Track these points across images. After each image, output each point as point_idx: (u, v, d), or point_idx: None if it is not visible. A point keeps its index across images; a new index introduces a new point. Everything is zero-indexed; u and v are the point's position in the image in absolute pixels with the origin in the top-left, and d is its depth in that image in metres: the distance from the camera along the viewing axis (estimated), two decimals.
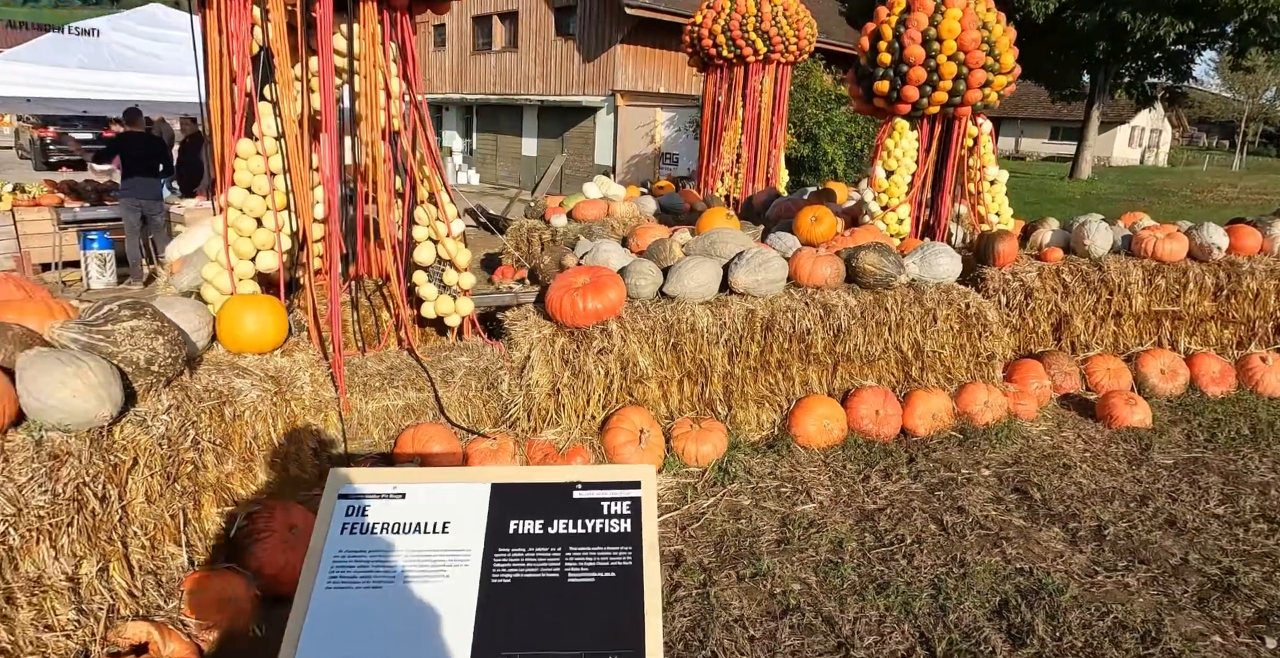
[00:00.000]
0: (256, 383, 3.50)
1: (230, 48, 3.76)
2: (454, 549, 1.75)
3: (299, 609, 1.66)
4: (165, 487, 3.00)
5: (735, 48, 10.31)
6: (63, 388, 2.61)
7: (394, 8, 4.02)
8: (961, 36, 5.63)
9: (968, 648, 3.04)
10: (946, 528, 3.94)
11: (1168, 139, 44.77)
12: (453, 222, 4.48)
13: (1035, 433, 5.08)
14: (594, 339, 4.41)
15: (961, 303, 5.10)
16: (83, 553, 2.66)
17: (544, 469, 1.88)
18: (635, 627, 1.64)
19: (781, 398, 4.95)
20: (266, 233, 3.91)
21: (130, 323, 2.94)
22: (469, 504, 1.82)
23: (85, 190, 11.51)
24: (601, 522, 1.80)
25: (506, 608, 1.66)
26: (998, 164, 6.51)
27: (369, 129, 4.11)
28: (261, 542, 3.30)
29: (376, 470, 1.88)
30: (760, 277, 4.73)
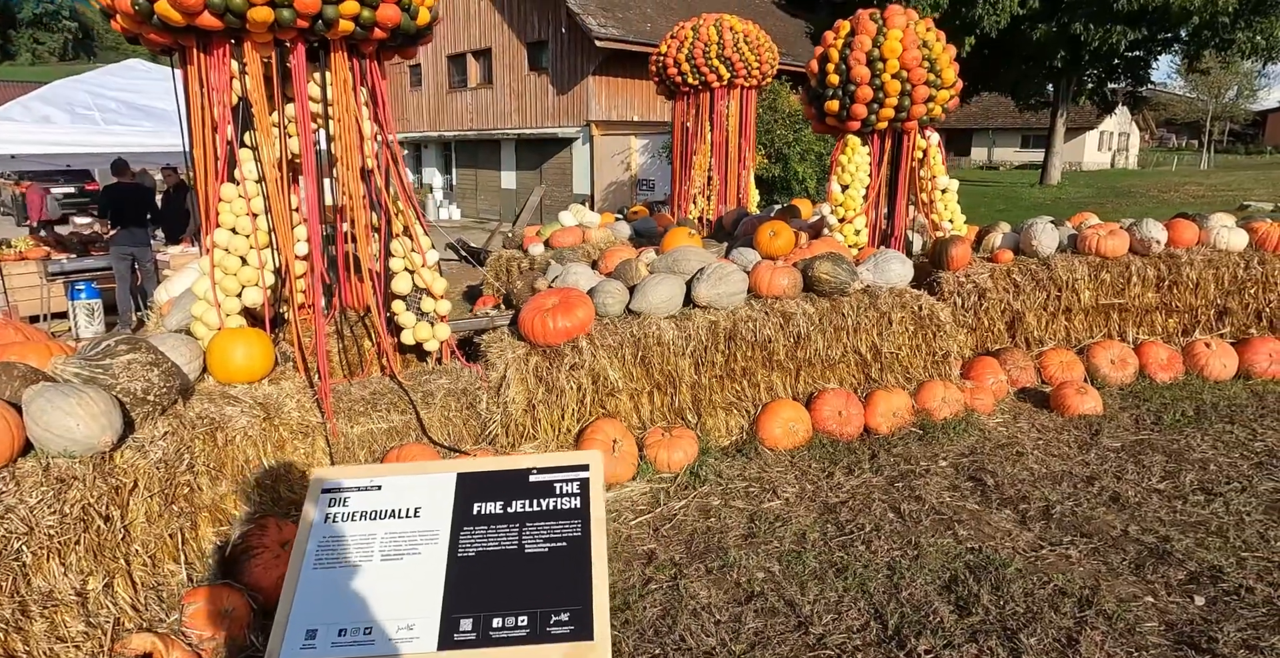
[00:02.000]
0: (246, 410, 3.74)
1: (211, 99, 4.04)
2: (425, 530, 1.99)
3: (288, 589, 1.90)
4: (164, 508, 3.22)
5: (700, 75, 10.66)
6: (67, 418, 2.85)
7: (363, 55, 4.32)
8: (903, 55, 5.97)
9: (918, 619, 3.27)
10: (904, 516, 4.19)
11: (1137, 142, 45.62)
12: (427, 252, 4.75)
13: (991, 425, 5.34)
14: (565, 356, 4.67)
15: (915, 306, 5.38)
16: (89, 570, 2.88)
17: (504, 458, 2.13)
18: (584, 587, 1.89)
19: (748, 404, 5.20)
20: (251, 270, 4.17)
21: (127, 356, 3.18)
22: (438, 492, 2.07)
23: (70, 242, 11.77)
24: (554, 501, 2.05)
25: (471, 577, 1.90)
26: (968, 176, 6.81)
27: (345, 169, 4.38)
28: (256, 558, 3.51)
29: (356, 467, 2.13)
30: (721, 290, 5.00)
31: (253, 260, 4.16)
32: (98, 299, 10.35)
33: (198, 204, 4.43)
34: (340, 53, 4.20)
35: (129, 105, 8.46)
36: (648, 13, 20.68)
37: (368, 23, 4.05)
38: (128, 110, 8.44)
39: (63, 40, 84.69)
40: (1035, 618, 3.24)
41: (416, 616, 1.82)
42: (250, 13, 3.73)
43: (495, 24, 22.21)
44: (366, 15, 4.02)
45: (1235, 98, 46.92)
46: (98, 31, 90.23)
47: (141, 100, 8.60)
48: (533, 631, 1.81)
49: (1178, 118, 48.48)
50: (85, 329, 10.18)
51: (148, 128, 8.32)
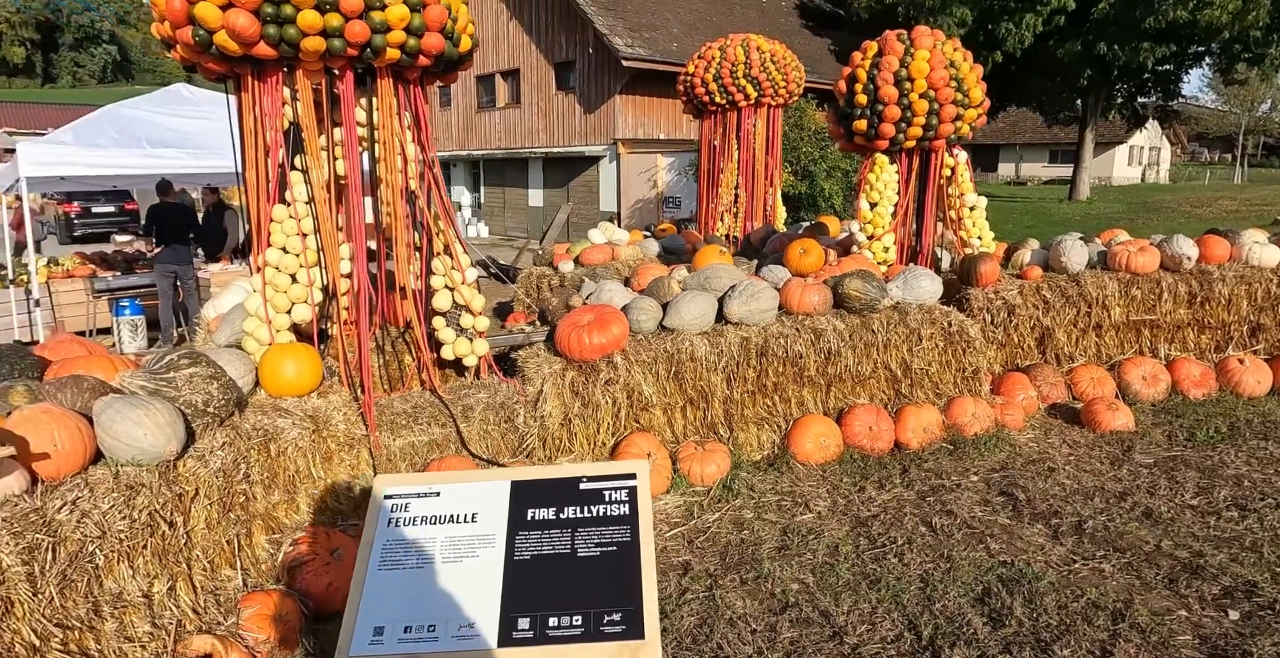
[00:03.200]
0: (296, 422, 3.88)
1: (264, 124, 4.22)
2: (482, 534, 2.10)
3: (356, 588, 2.01)
4: (222, 515, 3.37)
5: (727, 94, 10.80)
6: (136, 428, 3.00)
7: (407, 81, 4.49)
8: (930, 76, 6.07)
9: (951, 631, 3.33)
10: (936, 529, 4.24)
11: (1167, 156, 45.22)
12: (466, 270, 4.90)
13: (1022, 441, 5.38)
14: (601, 371, 4.78)
15: (944, 322, 5.45)
16: (155, 573, 3.02)
17: (555, 467, 2.24)
18: (634, 589, 1.99)
19: (779, 419, 5.28)
20: (300, 288, 4.33)
21: (189, 370, 3.34)
22: (493, 498, 2.18)
23: (115, 260, 12.11)
24: (604, 507, 2.15)
25: (528, 578, 2.01)
26: (995, 192, 6.89)
27: (389, 190, 4.55)
28: (307, 565, 3.64)
29: (414, 475, 2.24)
30: (753, 306, 5.10)
31: (302, 278, 4.33)
32: (141, 315, 10.63)
33: (249, 224, 4.60)
34: (386, 79, 4.37)
35: (174, 129, 8.74)
36: (674, 32, 20.93)
37: (413, 51, 4.23)
38: (172, 133, 8.71)
39: (102, 63, 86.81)
40: (1069, 630, 3.29)
41: (477, 615, 1.93)
42: (304, 42, 3.91)
43: (523, 45, 22.57)
44: (412, 44, 4.19)
45: (1269, 111, 46.44)
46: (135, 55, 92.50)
47: (186, 124, 8.88)
48: (587, 630, 1.92)
49: (1210, 131, 48.03)
50: (129, 345, 10.46)
51: (191, 150, 8.59)
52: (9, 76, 78.94)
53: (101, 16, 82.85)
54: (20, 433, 2.80)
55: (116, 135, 8.25)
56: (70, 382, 3.22)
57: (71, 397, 3.18)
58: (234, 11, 3.80)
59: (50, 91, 72.96)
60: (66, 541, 2.65)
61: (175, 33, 3.99)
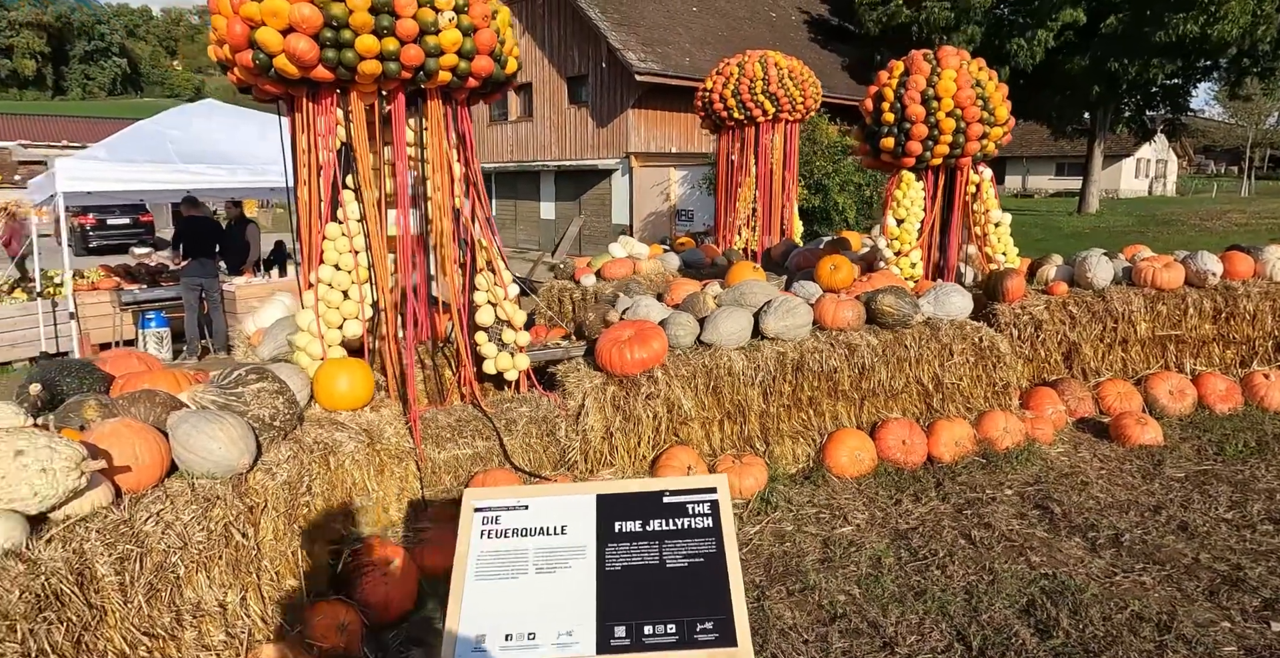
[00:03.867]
0: (352, 436, 3.97)
1: (317, 144, 4.33)
2: (573, 546, 2.19)
3: (455, 598, 2.10)
4: (287, 526, 3.45)
5: (745, 110, 10.91)
6: (211, 441, 3.09)
7: (454, 101, 4.60)
8: (957, 94, 6.18)
9: (1000, 641, 3.40)
10: (975, 542, 4.31)
11: (1174, 169, 45.34)
12: (509, 285, 5.00)
13: (1053, 455, 5.45)
14: (641, 386, 4.87)
15: (975, 337, 5.53)
16: (229, 583, 3.10)
17: (638, 481, 2.32)
18: (724, 598, 2.07)
19: (814, 433, 5.36)
20: (352, 304, 4.43)
21: (256, 385, 3.43)
22: (580, 511, 2.26)
23: (139, 273, 12.24)
24: (688, 520, 2.24)
25: (620, 589, 2.09)
26: (1002, 204, 6.99)
27: (436, 208, 4.65)
28: (365, 576, 3.72)
29: (501, 489, 2.33)
30: (788, 322, 5.19)
31: (354, 294, 4.42)
32: (166, 328, 10.76)
33: (300, 242, 4.71)
34: (435, 100, 4.49)
35: (204, 143, 8.88)
36: (686, 47, 21.12)
37: (463, 73, 4.34)
38: (202, 148, 8.86)
39: (112, 76, 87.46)
40: (1116, 641, 3.36)
41: (574, 623, 2.01)
42: (361, 66, 4.03)
43: (536, 60, 22.77)
44: (463, 66, 4.30)
45: (1277, 124, 46.56)
46: (144, 68, 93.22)
47: (216, 138, 9.03)
48: (681, 638, 2.00)
49: (1217, 144, 48.16)
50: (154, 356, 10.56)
51: (220, 165, 8.72)
52: (20, 89, 79.57)
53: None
54: (104, 447, 2.89)
55: (148, 150, 8.39)
56: (143, 396, 3.31)
57: (145, 411, 3.27)
58: (295, 36, 3.92)
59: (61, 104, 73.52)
60: (152, 551, 2.74)
61: (235, 56, 4.11)
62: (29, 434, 2.55)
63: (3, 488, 2.44)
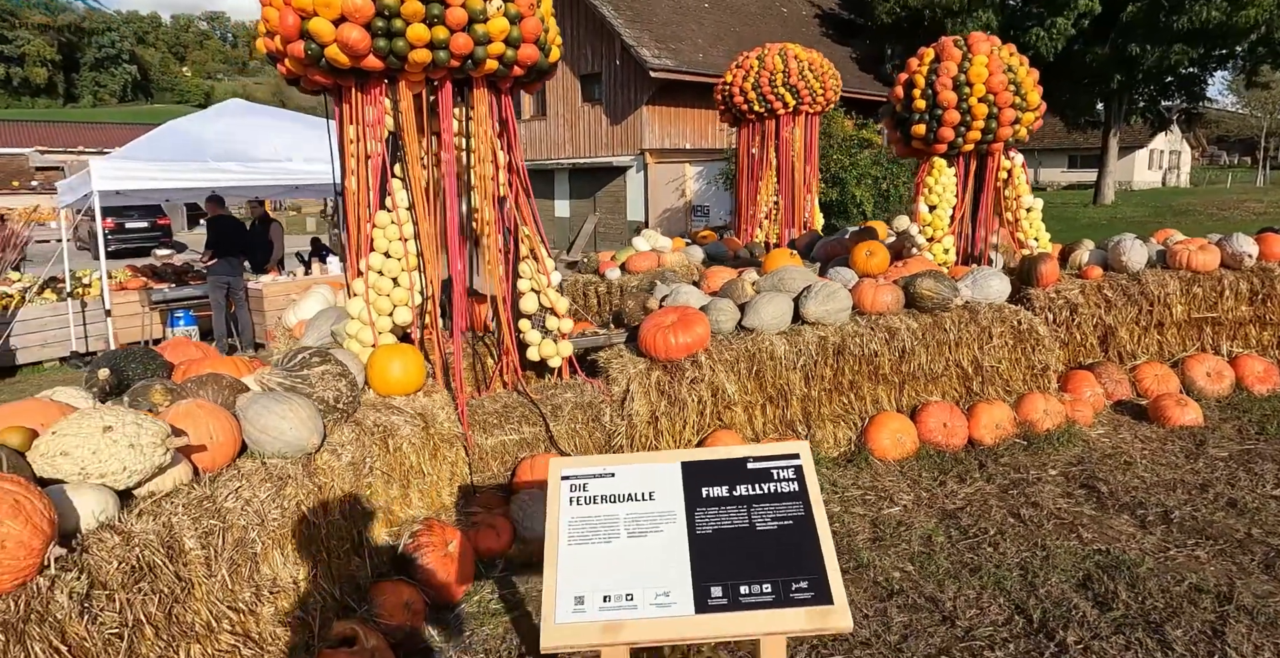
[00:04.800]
0: (408, 420, 4.02)
1: (366, 134, 4.38)
2: (662, 511, 2.22)
3: (550, 562, 2.14)
4: (352, 506, 3.50)
5: (765, 103, 10.92)
6: (282, 421, 3.14)
7: (499, 90, 4.65)
8: (990, 80, 6.19)
9: (1060, 614, 3.42)
10: (1024, 520, 4.33)
11: (1188, 160, 45.09)
12: (551, 273, 5.04)
13: (1094, 436, 5.46)
14: (686, 371, 4.90)
15: (1014, 320, 5.55)
16: (301, 561, 3.16)
17: (720, 449, 2.35)
18: (816, 559, 2.10)
19: (855, 416, 5.39)
20: (402, 291, 4.48)
21: (321, 368, 3.49)
22: (666, 478, 2.30)
23: (165, 273, 12.35)
24: (774, 485, 2.27)
25: (712, 551, 2.13)
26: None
27: (480, 196, 4.70)
28: (425, 556, 3.77)
29: (585, 458, 2.37)
30: (829, 306, 5.22)
31: (404, 282, 4.47)
32: (195, 326, 10.87)
33: (347, 231, 4.76)
34: (481, 88, 4.53)
35: (234, 142, 8.96)
36: (699, 43, 21.15)
37: (510, 61, 4.38)
38: (232, 147, 8.93)
39: (122, 82, 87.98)
40: (1177, 612, 3.38)
41: (670, 584, 2.05)
42: (411, 55, 4.07)
43: None
44: (510, 54, 4.34)
45: None
46: (154, 74, 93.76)
47: (245, 137, 9.10)
48: (778, 596, 2.03)
49: (1231, 134, 47.87)
50: None
51: (251, 163, 8.80)
52: (32, 96, 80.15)
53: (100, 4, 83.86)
54: (179, 426, 2.94)
55: (181, 150, 8.47)
56: (210, 379, 3.37)
57: (213, 393, 3.33)
58: (347, 26, 3.96)
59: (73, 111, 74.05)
60: (233, 527, 2.79)
61: (285, 47, 4.16)
62: (116, 411, 2.61)
63: (94, 463, 2.50)
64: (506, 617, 3.67)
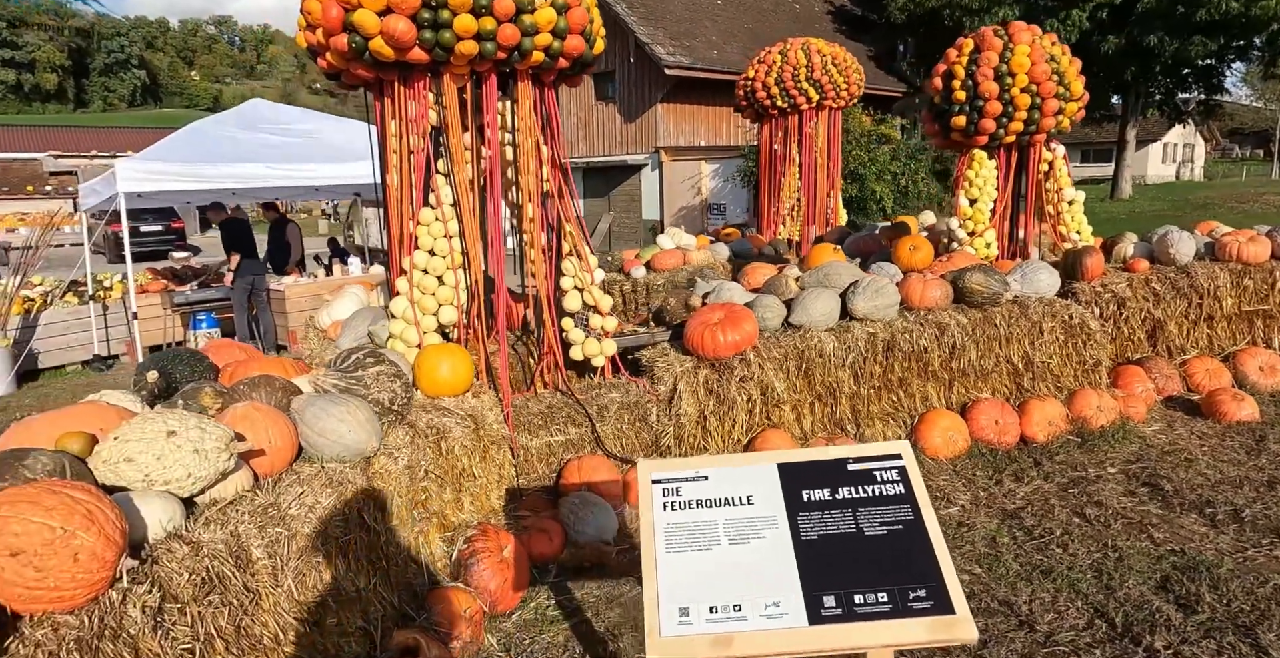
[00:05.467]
0: (459, 421, 3.92)
1: (409, 129, 4.28)
2: (763, 516, 2.11)
3: (649, 571, 2.02)
4: (408, 512, 3.40)
5: (789, 98, 10.79)
6: (341, 424, 3.04)
7: (543, 84, 4.54)
8: (1033, 70, 6.06)
9: (1143, 617, 3.30)
10: (1090, 520, 4.21)
11: (1201, 153, 44.72)
12: (594, 270, 4.93)
13: (1149, 433, 5.33)
14: (735, 369, 4.79)
15: (1065, 315, 5.42)
16: (362, 569, 3.05)
17: (816, 450, 2.24)
18: (931, 565, 1.99)
19: (904, 414, 5.27)
20: (447, 289, 4.37)
21: (375, 369, 3.38)
22: (763, 481, 2.19)
23: (185, 275, 12.28)
24: (878, 488, 2.16)
25: (820, 558, 2.01)
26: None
27: (523, 192, 4.59)
28: (481, 562, 3.66)
29: (673, 461, 2.26)
30: (878, 302, 5.10)
31: (449, 280, 4.37)
32: (217, 328, 10.79)
33: (388, 229, 4.66)
34: (525, 82, 4.43)
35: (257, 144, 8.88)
36: (713, 40, 21.01)
37: (556, 53, 4.28)
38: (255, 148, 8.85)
39: (131, 87, 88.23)
40: (1266, 615, 3.25)
41: (779, 594, 1.93)
42: (458, 46, 3.97)
43: None
44: (556, 46, 4.24)
45: None
46: (163, 79, 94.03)
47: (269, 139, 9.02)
48: (895, 606, 1.91)
49: (1245, 127, 47.44)
50: None
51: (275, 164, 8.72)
52: (43, 102, 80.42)
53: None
54: (237, 430, 2.84)
55: (203, 151, 8.40)
56: (262, 381, 3.27)
57: (266, 396, 3.23)
58: (392, 17, 3.86)
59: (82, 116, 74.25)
60: (297, 535, 2.68)
61: (328, 41, 4.06)
62: (179, 415, 2.51)
63: (158, 469, 2.40)
64: (565, 624, 3.57)
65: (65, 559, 1.91)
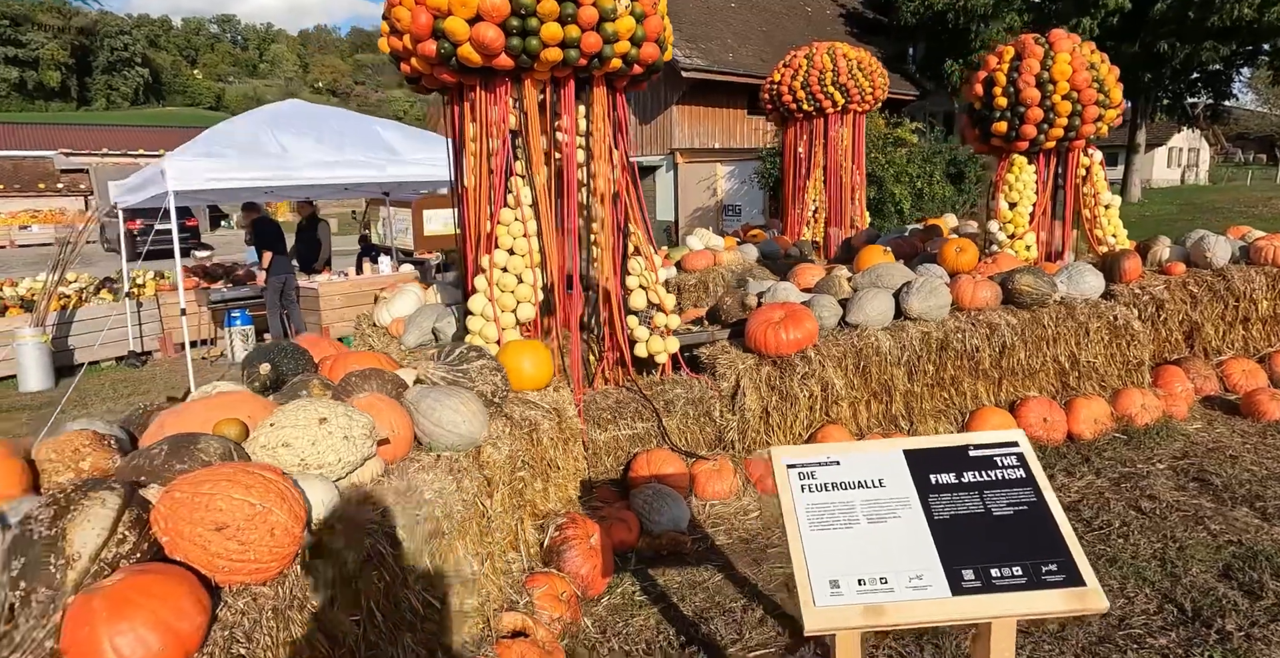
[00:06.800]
0: (545, 414, 4.07)
1: (490, 132, 4.44)
2: (896, 497, 2.27)
3: (796, 548, 2.18)
4: (508, 500, 3.55)
5: (815, 101, 10.95)
6: (455, 414, 3.19)
7: (614, 89, 4.70)
8: (1074, 77, 6.23)
9: (1211, 603, 3.46)
10: (1146, 513, 4.37)
11: (1206, 158, 44.96)
12: (659, 269, 5.09)
13: (1191, 430, 5.49)
14: (796, 366, 4.94)
15: (1110, 315, 5.58)
16: (476, 554, 3.21)
17: (939, 438, 2.40)
18: (1059, 543, 2.15)
19: (955, 411, 5.43)
20: (526, 287, 4.53)
21: (478, 362, 3.54)
22: (891, 465, 2.35)
23: (215, 273, 12.43)
24: (1000, 472, 2.32)
25: (954, 536, 2.17)
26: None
27: (595, 193, 4.75)
28: (572, 549, 3.82)
29: (803, 447, 2.41)
30: (931, 302, 5.26)
31: (528, 278, 4.53)
32: (250, 325, 10.94)
33: (463, 228, 4.81)
34: (601, 87, 4.59)
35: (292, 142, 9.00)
36: (728, 42, 21.18)
37: (632, 59, 4.44)
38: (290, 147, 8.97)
39: (134, 86, 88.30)
40: None
41: (920, 568, 2.09)
42: (543, 53, 4.13)
43: None
44: (633, 53, 4.40)
45: None
46: (166, 77, 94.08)
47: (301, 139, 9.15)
48: (1030, 579, 2.07)
49: (1250, 132, 47.73)
50: (240, 354, 10.75)
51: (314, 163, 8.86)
52: (46, 100, 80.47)
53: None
54: None
55: (245, 149, 8.54)
56: (373, 374, 3.42)
57: (377, 387, 3.38)
58: (482, 25, 4.02)
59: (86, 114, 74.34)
60: (429, 519, 2.83)
61: (416, 46, 4.22)
62: (327, 403, 2.66)
63: (313, 454, 2.55)
64: (653, 608, 3.72)
65: (264, 534, 2.07)
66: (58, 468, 2.60)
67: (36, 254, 27.23)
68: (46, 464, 2.61)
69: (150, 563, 2.03)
